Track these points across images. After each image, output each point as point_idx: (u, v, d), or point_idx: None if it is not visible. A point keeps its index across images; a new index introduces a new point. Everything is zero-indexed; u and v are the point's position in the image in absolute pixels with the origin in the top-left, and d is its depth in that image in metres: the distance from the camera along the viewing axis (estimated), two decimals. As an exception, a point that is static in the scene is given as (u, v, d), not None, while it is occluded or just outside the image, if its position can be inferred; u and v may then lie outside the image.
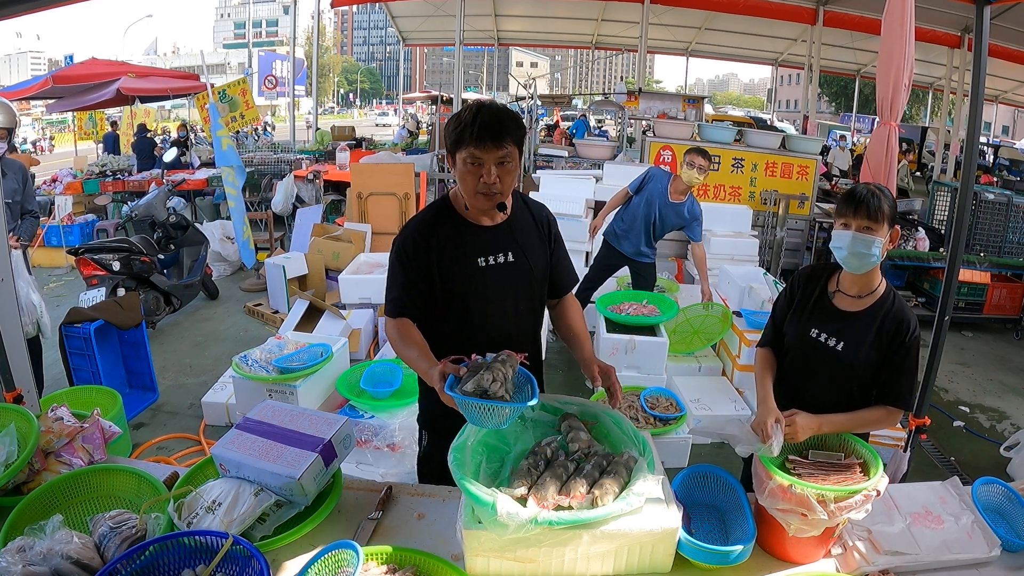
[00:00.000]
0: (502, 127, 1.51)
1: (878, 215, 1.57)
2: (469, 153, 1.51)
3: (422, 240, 1.63)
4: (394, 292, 1.67)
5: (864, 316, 1.65)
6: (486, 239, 1.66)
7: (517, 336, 1.72)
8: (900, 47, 3.29)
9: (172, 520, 1.36)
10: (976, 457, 3.51)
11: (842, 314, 1.68)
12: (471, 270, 1.64)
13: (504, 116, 1.53)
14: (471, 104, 1.56)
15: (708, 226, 5.77)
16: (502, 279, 1.67)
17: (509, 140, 1.52)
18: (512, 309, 1.71)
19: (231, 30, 77.17)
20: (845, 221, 1.61)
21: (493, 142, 1.50)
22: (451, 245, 1.63)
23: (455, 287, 1.64)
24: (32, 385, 1.89)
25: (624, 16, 15.22)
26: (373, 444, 2.91)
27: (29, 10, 1.84)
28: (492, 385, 1.31)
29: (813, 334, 1.70)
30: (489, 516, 1.21)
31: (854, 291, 1.68)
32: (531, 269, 1.71)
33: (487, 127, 1.50)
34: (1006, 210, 5.71)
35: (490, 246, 1.66)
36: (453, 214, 1.67)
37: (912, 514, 1.51)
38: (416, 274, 1.63)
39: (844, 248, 1.61)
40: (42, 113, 23.97)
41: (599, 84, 67.97)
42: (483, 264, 1.65)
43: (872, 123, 20.96)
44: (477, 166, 1.52)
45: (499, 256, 1.66)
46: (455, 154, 1.55)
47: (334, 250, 5.26)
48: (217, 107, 5.78)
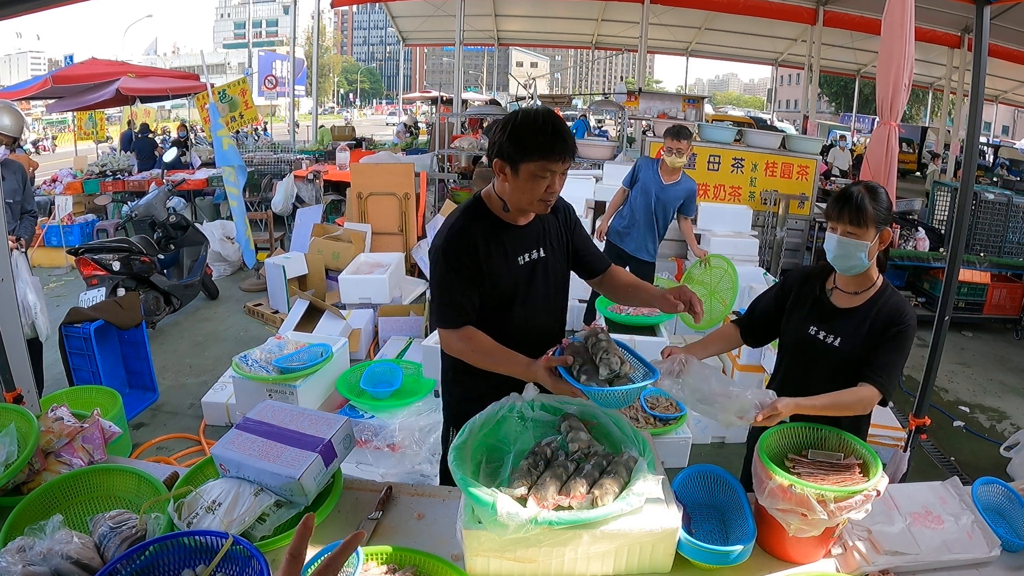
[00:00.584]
0: (574, 142, 1.57)
1: (861, 219, 1.58)
2: (542, 166, 1.53)
3: (468, 243, 1.63)
4: (448, 300, 1.64)
5: (860, 311, 1.67)
6: (522, 237, 1.70)
7: (552, 329, 1.80)
8: (900, 47, 3.29)
9: (172, 520, 1.36)
10: (976, 457, 3.51)
11: (839, 311, 1.69)
12: (514, 269, 1.68)
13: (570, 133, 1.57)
14: (537, 114, 1.55)
15: (708, 226, 5.80)
16: (539, 274, 1.72)
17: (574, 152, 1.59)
18: (547, 304, 1.76)
19: (231, 30, 77.16)
20: (832, 224, 1.64)
21: (570, 156, 1.56)
22: (494, 246, 1.65)
23: (502, 286, 1.67)
24: (32, 385, 1.89)
25: (624, 16, 15.24)
26: (373, 444, 2.91)
27: (29, 10, 1.84)
28: (622, 367, 1.34)
29: (811, 332, 1.71)
30: (489, 516, 1.21)
31: (851, 288, 1.70)
32: (558, 261, 1.77)
33: (567, 143, 1.54)
34: (1006, 210, 5.71)
35: (526, 243, 1.70)
36: (490, 215, 1.68)
37: (912, 514, 1.51)
38: (470, 278, 1.63)
39: (831, 251, 1.64)
40: (42, 113, 23.96)
41: (599, 84, 67.97)
42: (523, 262, 1.69)
43: (872, 123, 20.97)
44: (544, 178, 1.55)
45: (534, 252, 1.71)
46: (521, 162, 1.54)
47: (334, 250, 5.26)
48: (217, 107, 5.78)
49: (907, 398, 4.09)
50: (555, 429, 1.55)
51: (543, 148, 1.52)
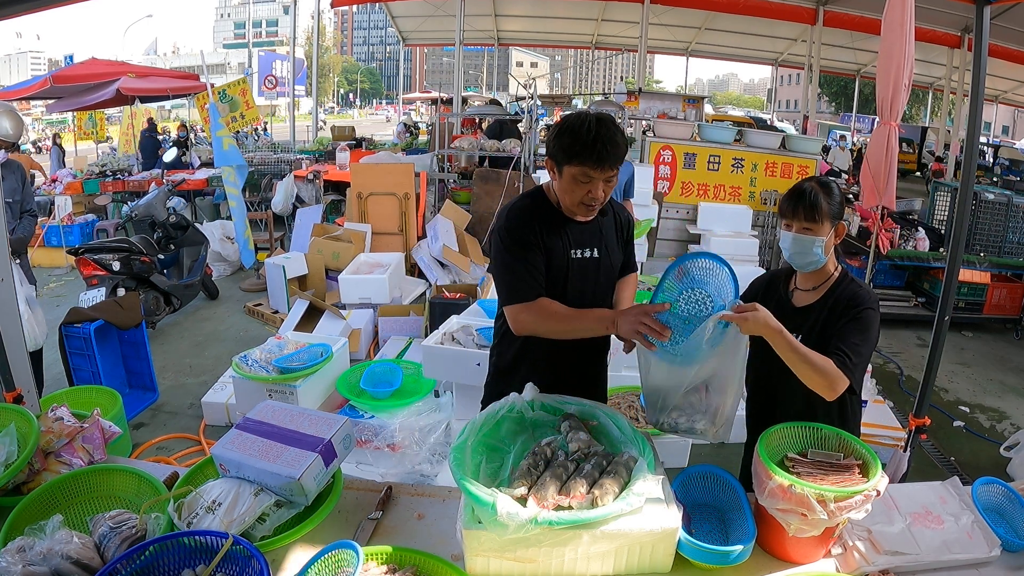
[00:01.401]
0: (619, 151, 1.54)
1: (815, 214, 1.59)
2: (582, 171, 1.54)
3: (529, 221, 1.66)
4: (520, 274, 1.63)
5: (817, 306, 1.68)
6: (579, 233, 1.70)
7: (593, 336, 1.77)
8: (900, 47, 3.28)
9: (172, 520, 1.36)
10: (976, 457, 3.51)
11: (800, 310, 1.71)
12: (566, 261, 1.68)
13: (620, 138, 1.56)
14: (588, 119, 1.55)
15: (708, 226, 5.81)
16: (589, 273, 1.72)
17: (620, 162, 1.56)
18: (593, 301, 1.75)
19: (231, 30, 77.20)
20: (787, 222, 1.64)
21: (612, 165, 1.55)
22: (552, 233, 1.67)
23: (556, 273, 1.68)
24: (32, 385, 1.88)
25: (624, 16, 15.24)
26: (373, 444, 2.91)
27: (29, 10, 1.84)
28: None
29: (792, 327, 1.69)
30: (489, 516, 1.21)
31: (809, 285, 1.71)
32: (612, 266, 1.78)
33: (608, 152, 1.52)
34: (1006, 210, 5.70)
35: (582, 240, 1.71)
36: (549, 205, 1.70)
37: (912, 514, 1.51)
38: (534, 248, 1.64)
39: (787, 249, 1.65)
40: (42, 113, 23.96)
41: (599, 84, 67.98)
42: (575, 256, 1.69)
43: (872, 123, 20.98)
44: (587, 183, 1.56)
45: (588, 251, 1.71)
46: (564, 164, 1.57)
47: (334, 250, 5.26)
48: (217, 107, 5.78)
49: (907, 398, 4.09)
50: (555, 429, 1.55)
51: (583, 154, 1.52)
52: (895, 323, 5.46)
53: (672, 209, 6.11)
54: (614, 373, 3.58)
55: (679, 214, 6.15)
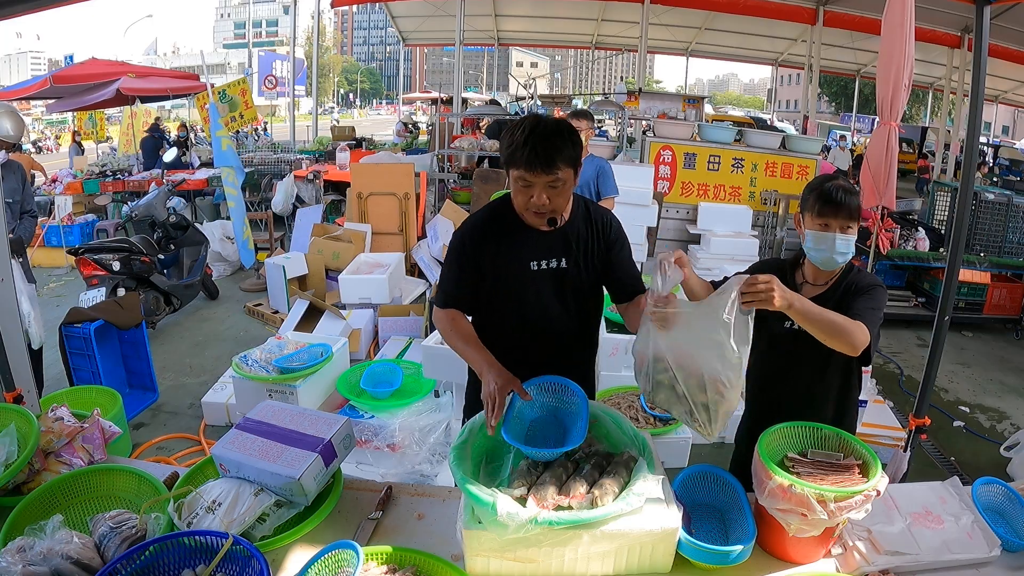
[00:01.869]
0: (554, 151, 1.48)
1: (856, 213, 1.61)
2: (519, 175, 1.53)
3: (479, 237, 1.67)
4: (446, 285, 1.73)
5: (828, 294, 1.69)
6: (540, 243, 1.66)
7: (567, 337, 1.76)
8: (900, 47, 3.28)
9: (172, 520, 1.36)
10: (976, 457, 3.51)
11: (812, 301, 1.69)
12: (524, 272, 1.67)
13: (558, 139, 1.50)
14: (526, 122, 1.53)
15: (708, 226, 5.81)
16: (553, 283, 1.69)
17: (560, 165, 1.50)
18: (561, 312, 1.72)
19: (231, 30, 77.23)
20: (825, 222, 1.60)
21: (543, 168, 1.49)
22: (506, 245, 1.66)
23: (508, 287, 1.68)
24: (32, 385, 1.89)
25: (624, 16, 15.23)
26: (373, 444, 2.91)
27: (29, 10, 1.84)
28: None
29: (787, 326, 1.69)
30: (489, 516, 1.21)
31: (821, 280, 1.71)
32: (583, 276, 1.70)
33: (537, 153, 1.48)
34: (1006, 210, 5.70)
35: (544, 251, 1.67)
36: (511, 215, 1.66)
37: (912, 514, 1.51)
38: (470, 270, 1.67)
39: (827, 250, 1.61)
40: (42, 113, 23.97)
41: (599, 84, 67.97)
42: (535, 268, 1.67)
43: (872, 123, 20.98)
44: (527, 187, 1.54)
45: (551, 261, 1.67)
46: (508, 169, 1.57)
47: (334, 250, 5.26)
48: (217, 107, 5.78)
49: (907, 398, 4.09)
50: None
51: (515, 157, 1.50)
52: (895, 323, 5.46)
53: (672, 209, 6.12)
54: (614, 373, 3.60)
55: (679, 214, 6.15)
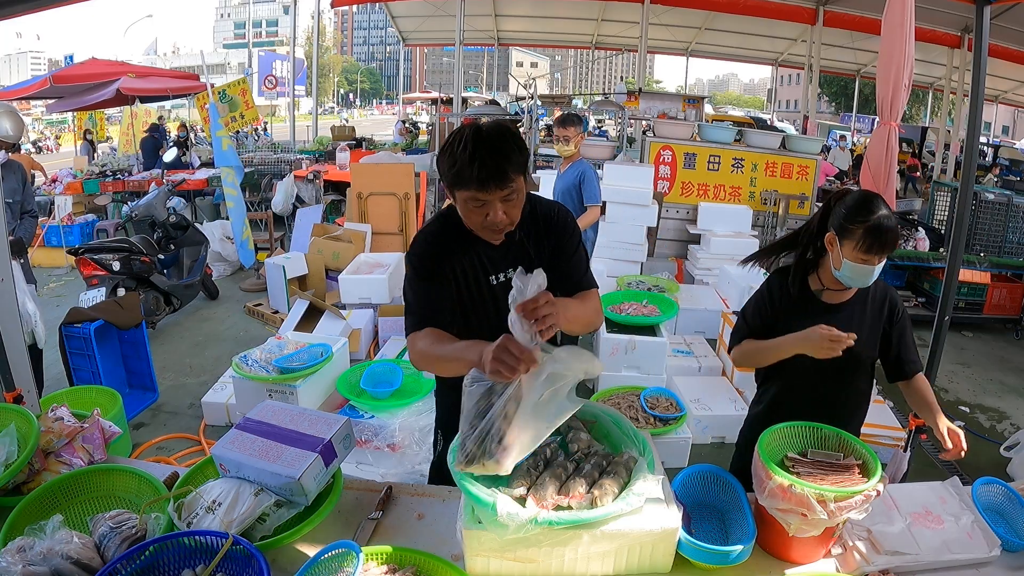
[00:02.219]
0: (504, 163, 1.34)
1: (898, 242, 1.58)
2: (471, 195, 1.37)
3: (436, 249, 1.53)
4: (416, 308, 1.53)
5: (854, 303, 1.69)
6: (497, 256, 1.56)
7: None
8: (900, 47, 3.28)
9: (172, 520, 1.36)
10: (976, 457, 3.51)
11: (834, 307, 1.70)
12: (484, 289, 1.57)
13: (505, 148, 1.35)
14: (465, 135, 1.36)
15: (708, 226, 5.80)
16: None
17: (513, 175, 1.37)
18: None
19: (231, 30, 77.25)
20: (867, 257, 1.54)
21: (497, 183, 1.35)
22: (467, 259, 1.54)
23: (467, 304, 1.58)
24: (32, 385, 1.88)
25: (624, 16, 15.25)
26: (373, 444, 2.91)
27: (29, 10, 1.84)
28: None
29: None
30: (489, 516, 1.21)
31: (838, 284, 1.69)
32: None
33: (488, 169, 1.33)
34: (1006, 210, 5.71)
35: (501, 263, 1.57)
36: (462, 228, 1.53)
37: (912, 514, 1.51)
38: (440, 286, 1.53)
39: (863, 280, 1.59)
40: (42, 113, 23.96)
41: (599, 84, 67.97)
42: (495, 282, 1.57)
43: (872, 123, 20.97)
44: (480, 206, 1.39)
45: (510, 271, 1.55)
46: (452, 189, 1.40)
47: (334, 250, 5.26)
48: (217, 107, 5.78)
49: (907, 398, 4.09)
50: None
51: (463, 177, 1.34)
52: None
53: (672, 209, 6.11)
54: (614, 373, 3.61)
55: (679, 214, 6.15)
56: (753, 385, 3.96)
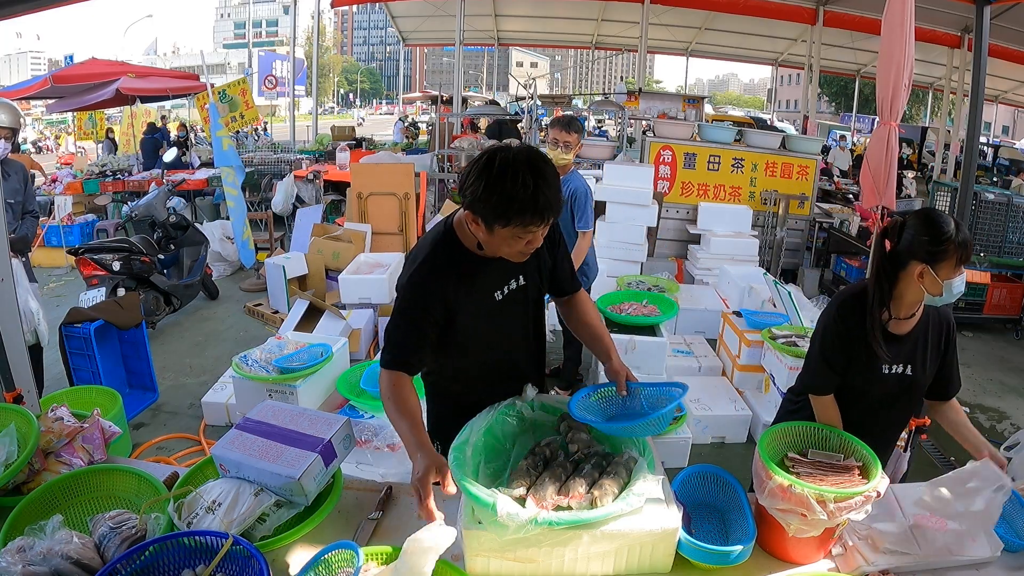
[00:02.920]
0: (559, 197, 1.35)
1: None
2: (524, 229, 1.35)
3: (434, 285, 1.47)
4: (398, 342, 1.51)
5: (916, 331, 1.66)
6: (499, 271, 1.55)
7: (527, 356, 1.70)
8: (900, 47, 3.28)
9: (172, 520, 1.36)
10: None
11: (900, 338, 1.65)
12: (488, 304, 1.55)
13: (557, 181, 1.35)
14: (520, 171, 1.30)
15: (708, 226, 5.80)
16: (516, 306, 1.60)
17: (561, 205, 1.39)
18: (522, 334, 1.66)
19: (231, 30, 77.27)
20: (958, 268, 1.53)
21: (553, 214, 1.35)
22: (466, 285, 1.50)
23: (470, 321, 1.53)
24: (32, 385, 1.88)
25: (624, 16, 15.24)
26: (373, 444, 2.91)
27: (29, 10, 1.84)
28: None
29: (886, 370, 1.65)
30: (489, 517, 1.21)
31: (908, 313, 1.64)
32: (537, 286, 1.65)
33: (552, 203, 1.32)
34: (1006, 210, 5.71)
35: (504, 276, 1.57)
36: (463, 251, 1.50)
37: (915, 515, 1.51)
38: (428, 325, 1.49)
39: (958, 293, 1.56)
40: (42, 113, 23.95)
41: (599, 84, 67.97)
42: (500, 297, 1.56)
43: (872, 123, 20.96)
44: (527, 235, 1.38)
45: (513, 283, 1.58)
46: (495, 225, 1.34)
47: (334, 250, 5.26)
48: (217, 107, 5.78)
49: (907, 398, 4.09)
50: (554, 429, 1.55)
51: (524, 212, 1.31)
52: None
53: (672, 209, 6.11)
54: (614, 373, 3.60)
55: (679, 214, 6.15)
56: (754, 386, 3.96)
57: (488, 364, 1.63)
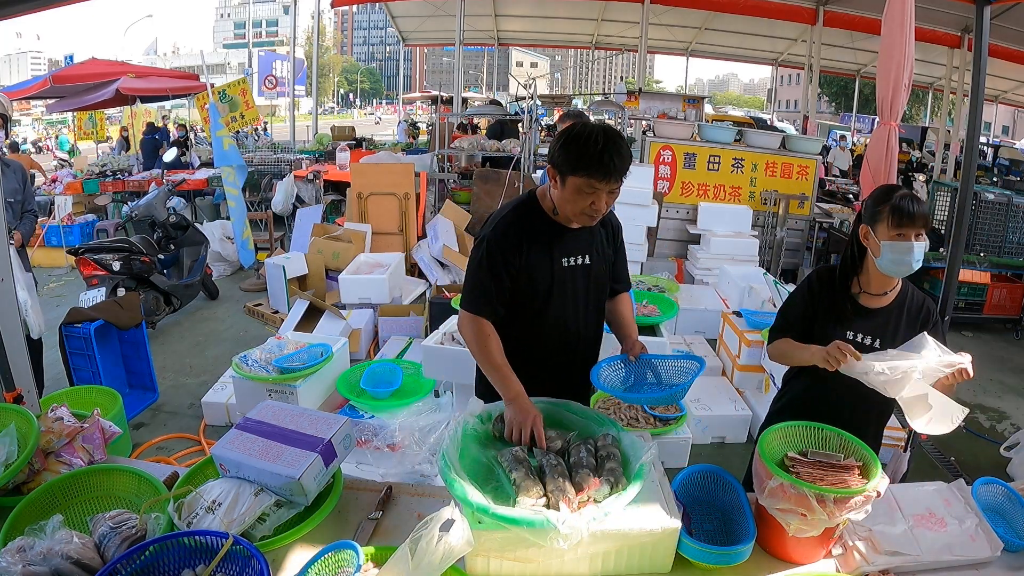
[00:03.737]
0: (625, 164, 1.54)
1: (929, 219, 1.62)
2: (588, 183, 1.54)
3: (515, 239, 1.66)
4: (478, 290, 1.69)
5: (892, 309, 1.70)
6: (570, 240, 1.71)
7: (585, 335, 1.82)
8: (900, 47, 3.28)
9: (172, 520, 1.36)
10: (976, 457, 3.51)
11: (871, 312, 1.72)
12: (556, 270, 1.70)
13: (627, 151, 1.55)
14: (596, 131, 1.54)
15: (708, 226, 5.80)
16: (580, 280, 1.74)
17: (626, 174, 1.57)
18: (584, 309, 1.78)
19: (231, 30, 77.28)
20: (902, 232, 1.59)
21: (616, 177, 1.54)
22: (540, 244, 1.68)
23: (540, 286, 1.70)
24: (32, 385, 1.88)
25: (624, 16, 15.22)
26: (373, 444, 2.90)
27: (29, 10, 1.84)
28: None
29: (849, 336, 1.70)
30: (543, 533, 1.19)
31: (881, 290, 1.71)
32: (604, 271, 1.80)
33: (615, 164, 1.52)
34: (1006, 210, 5.70)
35: (574, 247, 1.72)
36: (541, 213, 1.70)
37: (915, 516, 1.51)
38: (506, 274, 1.66)
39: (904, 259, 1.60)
40: (42, 113, 23.95)
41: (599, 84, 67.96)
42: (566, 265, 1.71)
43: (872, 123, 20.96)
44: (591, 193, 1.56)
45: (579, 258, 1.73)
46: (568, 175, 1.55)
47: (334, 250, 5.26)
48: (217, 107, 5.78)
49: (907, 398, 4.08)
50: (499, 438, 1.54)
51: (591, 166, 1.52)
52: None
53: (672, 209, 6.11)
54: (614, 373, 3.60)
55: (679, 214, 6.14)
56: (754, 386, 3.97)
57: (550, 332, 1.75)
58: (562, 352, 1.78)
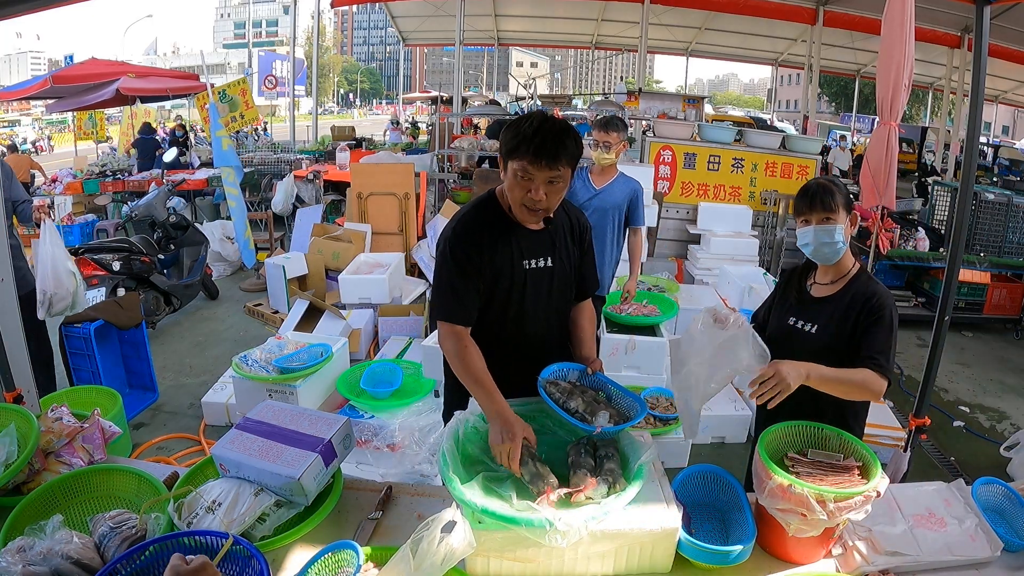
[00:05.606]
0: (560, 148, 1.49)
1: (831, 203, 1.67)
2: (521, 166, 1.50)
3: (475, 238, 1.62)
4: (448, 294, 1.62)
5: (835, 298, 1.73)
6: (531, 242, 1.66)
7: (548, 339, 1.76)
8: (900, 47, 3.28)
9: (172, 520, 1.36)
10: (976, 457, 3.51)
11: (816, 300, 1.77)
12: (517, 272, 1.65)
13: (565, 137, 1.50)
14: (535, 116, 1.53)
15: (708, 226, 5.80)
16: (541, 282, 1.69)
17: (564, 161, 1.51)
18: (545, 313, 1.73)
19: (231, 30, 77.27)
20: (806, 218, 1.71)
21: (548, 162, 1.49)
22: (502, 244, 1.63)
23: (501, 287, 1.65)
24: (32, 385, 1.88)
25: (624, 16, 15.22)
26: (373, 444, 2.91)
27: (29, 10, 1.84)
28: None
29: (791, 322, 1.78)
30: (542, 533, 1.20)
31: (828, 279, 1.77)
32: (567, 274, 1.74)
33: (545, 146, 1.48)
34: (1006, 210, 5.70)
35: (534, 249, 1.67)
36: (500, 213, 1.66)
37: (915, 516, 1.51)
38: (473, 274, 1.61)
39: (811, 243, 1.70)
40: (42, 113, 23.95)
41: (599, 84, 67.96)
42: (528, 267, 1.66)
43: (872, 123, 20.97)
44: (527, 180, 1.52)
45: (541, 260, 1.68)
46: (508, 161, 1.54)
47: (334, 250, 5.26)
48: (217, 107, 5.78)
49: (907, 398, 4.09)
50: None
51: (521, 147, 1.49)
52: (895, 323, 5.46)
53: (672, 209, 6.11)
54: (614, 373, 3.59)
55: (679, 214, 6.14)
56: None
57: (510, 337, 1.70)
58: (523, 358, 1.67)
